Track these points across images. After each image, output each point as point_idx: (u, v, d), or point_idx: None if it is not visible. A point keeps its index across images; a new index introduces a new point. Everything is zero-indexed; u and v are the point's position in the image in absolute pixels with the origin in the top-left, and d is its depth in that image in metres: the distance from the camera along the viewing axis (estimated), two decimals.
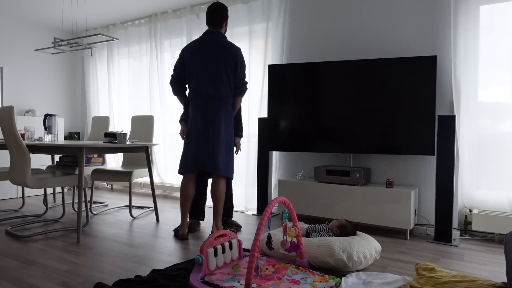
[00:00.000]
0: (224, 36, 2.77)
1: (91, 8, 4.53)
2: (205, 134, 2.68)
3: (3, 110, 2.71)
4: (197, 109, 2.71)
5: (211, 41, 2.70)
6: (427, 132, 2.89)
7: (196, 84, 2.70)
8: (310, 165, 3.67)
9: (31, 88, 5.08)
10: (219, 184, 2.74)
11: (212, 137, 2.67)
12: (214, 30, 2.76)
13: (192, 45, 2.76)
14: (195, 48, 2.72)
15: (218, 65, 2.67)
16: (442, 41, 3.04)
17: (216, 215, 2.79)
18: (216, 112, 2.68)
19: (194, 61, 2.71)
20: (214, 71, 2.67)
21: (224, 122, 2.71)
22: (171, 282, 1.86)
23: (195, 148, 2.70)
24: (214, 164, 2.67)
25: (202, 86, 2.68)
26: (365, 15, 3.36)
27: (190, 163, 2.73)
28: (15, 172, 2.75)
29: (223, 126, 2.71)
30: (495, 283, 1.64)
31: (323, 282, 1.87)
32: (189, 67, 2.74)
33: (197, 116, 2.71)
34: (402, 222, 2.85)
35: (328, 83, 3.25)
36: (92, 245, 2.61)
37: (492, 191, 2.91)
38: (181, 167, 2.80)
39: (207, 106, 2.68)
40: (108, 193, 4.92)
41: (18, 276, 2.01)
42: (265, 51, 3.85)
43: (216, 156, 2.67)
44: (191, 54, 2.73)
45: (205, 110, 2.68)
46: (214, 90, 2.67)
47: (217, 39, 2.72)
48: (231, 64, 2.69)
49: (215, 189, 2.74)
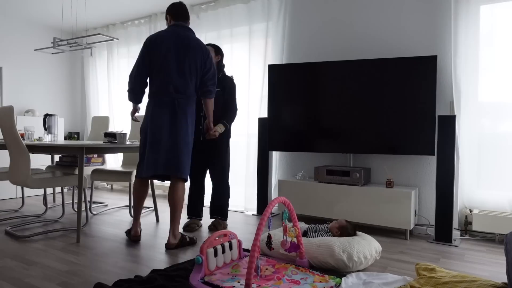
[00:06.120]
0: (194, 33, 2.61)
1: (91, 8, 4.53)
2: (169, 133, 2.47)
3: (3, 110, 2.71)
4: (161, 106, 2.49)
5: (183, 35, 2.51)
6: (427, 132, 2.89)
7: (164, 78, 2.48)
8: (310, 165, 3.67)
9: (31, 88, 5.08)
10: (179, 188, 2.53)
11: (176, 137, 2.48)
12: (185, 25, 2.59)
13: (163, 36, 2.51)
14: (167, 41, 2.49)
15: (188, 62, 2.49)
16: (442, 41, 3.04)
17: (174, 222, 2.53)
18: (183, 110, 2.49)
19: (165, 55, 2.47)
20: (184, 66, 2.48)
21: (191, 120, 2.55)
22: (171, 282, 1.86)
23: (161, 149, 2.46)
24: (178, 167, 2.48)
25: (170, 80, 2.47)
26: (365, 15, 3.36)
27: (151, 164, 2.47)
28: (15, 172, 2.75)
29: (189, 125, 2.53)
30: (495, 283, 1.64)
31: (323, 282, 1.87)
32: (156, 60, 2.49)
33: (162, 114, 2.47)
34: (402, 222, 2.85)
35: (328, 83, 3.25)
36: (92, 245, 2.60)
37: (492, 191, 2.91)
38: (143, 169, 2.50)
39: (173, 103, 2.48)
40: (108, 193, 4.92)
41: (18, 276, 2.00)
42: (265, 51, 3.85)
43: (180, 158, 2.48)
44: (161, 46, 2.48)
45: (172, 107, 2.48)
46: (182, 87, 2.48)
47: (189, 34, 2.54)
48: (201, 64, 2.54)
49: (174, 193, 2.52)
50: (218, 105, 3.04)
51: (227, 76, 3.13)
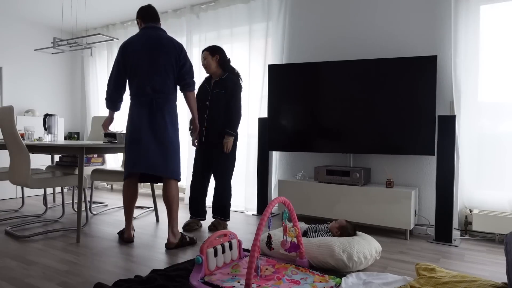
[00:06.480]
0: (165, 32, 2.65)
1: (91, 8, 4.53)
2: (150, 133, 2.51)
3: (3, 110, 2.71)
4: (140, 106, 2.53)
5: (155, 36, 2.56)
6: (427, 132, 2.89)
7: (141, 79, 2.53)
8: (310, 165, 3.67)
9: (31, 88, 5.08)
10: (172, 187, 2.57)
11: (156, 137, 2.51)
12: (155, 25, 2.64)
13: (135, 40, 2.58)
14: (140, 43, 2.55)
15: (163, 60, 2.52)
16: (442, 41, 3.04)
17: (171, 220, 2.59)
18: (161, 109, 2.52)
19: (139, 56, 2.53)
20: (159, 65, 2.52)
21: (170, 119, 2.56)
22: (171, 282, 1.86)
23: (141, 148, 2.49)
24: (166, 167, 2.51)
25: (147, 81, 2.51)
26: (365, 15, 3.36)
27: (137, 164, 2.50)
28: (15, 172, 2.75)
29: (168, 123, 2.54)
30: (495, 283, 1.64)
31: (323, 282, 1.87)
32: (131, 64, 2.55)
33: (141, 114, 2.52)
34: (402, 222, 2.85)
35: (328, 83, 3.25)
36: (92, 245, 2.60)
37: (492, 191, 2.91)
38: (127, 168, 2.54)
39: (151, 102, 2.52)
40: (108, 193, 4.92)
41: (18, 276, 2.00)
42: (265, 51, 3.85)
43: (165, 158, 2.51)
44: (134, 50, 2.55)
45: (150, 106, 2.52)
46: (160, 85, 2.52)
47: (160, 33, 2.59)
48: (176, 59, 2.56)
49: (168, 193, 2.57)
50: (220, 107, 3.03)
51: (232, 77, 3.08)
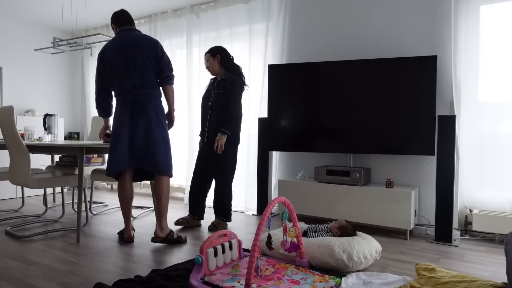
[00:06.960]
0: (140, 31, 2.69)
1: (91, 8, 4.53)
2: (136, 129, 2.55)
3: (3, 110, 2.71)
4: (124, 104, 2.57)
5: (129, 36, 2.62)
6: (427, 132, 2.89)
7: (121, 78, 2.58)
8: (310, 165, 3.67)
9: (31, 88, 5.08)
10: (163, 183, 2.61)
11: (144, 133, 2.55)
12: (130, 27, 2.70)
13: (110, 44, 2.64)
14: (116, 45, 2.61)
15: (140, 57, 2.57)
16: (442, 41, 3.04)
17: (160, 216, 2.63)
18: (145, 105, 2.56)
19: (116, 57, 2.59)
20: (138, 63, 2.56)
21: (155, 115, 2.59)
22: (171, 282, 1.86)
23: (129, 145, 2.55)
24: (156, 163, 2.55)
25: (127, 79, 2.56)
26: (365, 15, 3.36)
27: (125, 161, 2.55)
28: (15, 172, 2.75)
29: (154, 120, 2.57)
30: (495, 283, 1.64)
31: (323, 282, 1.87)
32: (110, 67, 2.62)
33: (124, 112, 2.56)
34: (402, 222, 2.85)
35: (328, 83, 3.25)
36: (92, 245, 2.60)
37: (492, 191, 2.91)
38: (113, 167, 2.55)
39: (134, 100, 2.56)
40: (108, 193, 4.92)
41: (18, 276, 2.00)
42: (265, 51, 3.85)
43: (155, 154, 2.54)
44: (110, 53, 2.61)
45: (133, 104, 2.56)
46: (140, 81, 2.56)
47: (134, 33, 2.64)
48: (153, 54, 2.59)
49: (159, 188, 2.61)
50: (220, 107, 3.03)
51: (232, 76, 3.07)
